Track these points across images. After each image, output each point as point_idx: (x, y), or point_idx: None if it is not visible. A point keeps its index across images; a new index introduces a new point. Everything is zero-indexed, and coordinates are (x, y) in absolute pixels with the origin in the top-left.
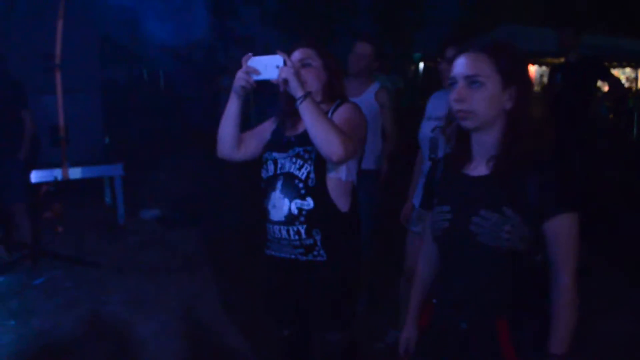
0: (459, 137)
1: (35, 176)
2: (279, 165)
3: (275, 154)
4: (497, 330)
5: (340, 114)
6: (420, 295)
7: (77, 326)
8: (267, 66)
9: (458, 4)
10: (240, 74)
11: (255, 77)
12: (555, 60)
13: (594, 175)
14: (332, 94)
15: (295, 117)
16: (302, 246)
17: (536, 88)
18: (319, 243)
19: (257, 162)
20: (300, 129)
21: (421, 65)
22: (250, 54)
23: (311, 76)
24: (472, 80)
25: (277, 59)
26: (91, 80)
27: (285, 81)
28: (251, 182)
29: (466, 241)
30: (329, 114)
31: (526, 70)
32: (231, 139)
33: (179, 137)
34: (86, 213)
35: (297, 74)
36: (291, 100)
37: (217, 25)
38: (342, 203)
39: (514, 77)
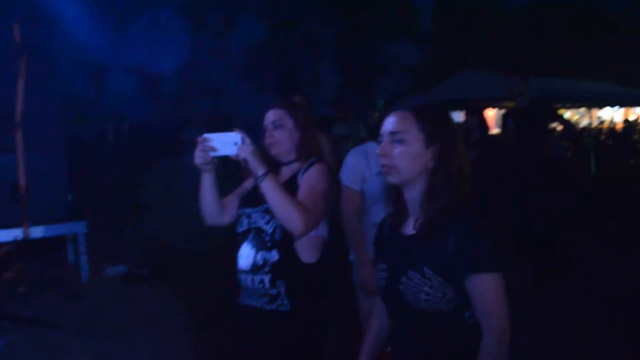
0: (397, 196)
1: None
2: (252, 220)
3: (247, 210)
4: None
5: (307, 180)
6: (371, 347)
7: None
8: (225, 143)
9: (419, 52)
10: (197, 152)
11: (213, 154)
12: (511, 104)
13: (555, 214)
14: (306, 152)
15: (271, 173)
16: (267, 295)
17: (496, 131)
18: (282, 293)
19: None
20: None
21: None
22: (205, 133)
23: (284, 137)
24: (395, 137)
25: (234, 136)
26: (53, 137)
27: (245, 160)
28: (219, 235)
29: (398, 300)
30: (300, 174)
31: (450, 132)
32: (213, 208)
33: (145, 191)
34: (48, 272)
35: (255, 153)
36: (267, 156)
37: (183, 78)
38: (308, 256)
39: (437, 137)
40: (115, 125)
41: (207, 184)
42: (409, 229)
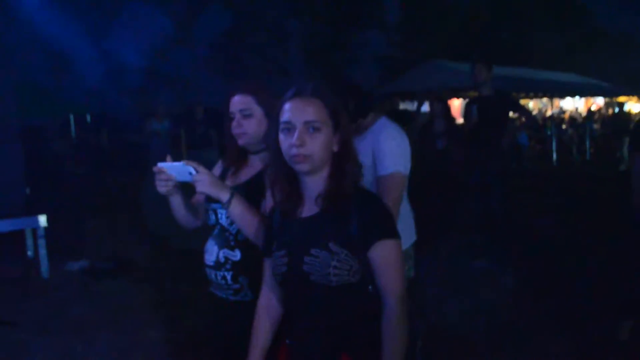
0: (287, 183)
1: None
2: (219, 216)
3: (214, 205)
4: None
5: None
6: (261, 343)
7: None
8: (180, 172)
9: (387, 42)
10: (157, 182)
11: (172, 183)
12: (475, 94)
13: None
14: None
15: (239, 163)
16: (230, 289)
17: (461, 121)
18: (245, 287)
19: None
20: (241, 178)
21: None
22: (158, 164)
23: (253, 126)
24: (311, 126)
25: (187, 168)
26: (9, 129)
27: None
28: (181, 229)
29: (303, 282)
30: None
31: (345, 114)
32: (187, 219)
33: (107, 183)
34: (7, 269)
35: (212, 182)
36: (235, 145)
37: (147, 68)
38: None
39: (341, 121)
40: (77, 116)
41: (176, 205)
42: (307, 211)
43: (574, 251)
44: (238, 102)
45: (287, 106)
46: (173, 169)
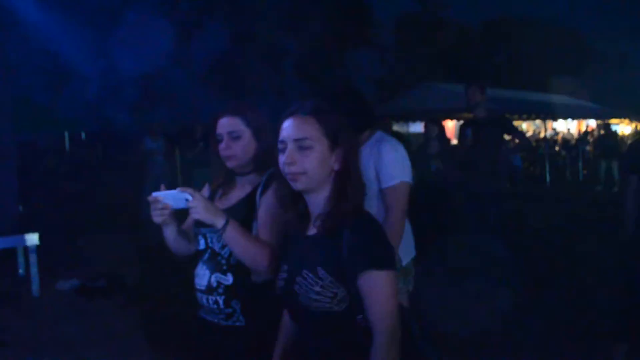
0: (292, 201)
1: None
2: (209, 240)
3: (203, 229)
4: None
5: (267, 207)
6: (281, 349)
7: None
8: (176, 199)
9: (382, 63)
10: (153, 212)
11: (167, 211)
12: (470, 116)
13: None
14: (264, 163)
15: (226, 186)
16: (222, 313)
17: (455, 142)
18: (237, 311)
19: None
20: (231, 200)
21: None
22: (153, 194)
23: (241, 149)
24: (301, 144)
25: (183, 194)
26: (4, 147)
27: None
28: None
29: (293, 301)
30: (259, 193)
31: (350, 133)
32: (181, 246)
33: (100, 201)
34: None
35: (207, 208)
36: (223, 167)
37: (142, 86)
38: (258, 276)
39: (340, 138)
40: (72, 133)
41: (170, 233)
42: (310, 230)
43: (568, 271)
44: (226, 124)
45: (283, 125)
46: (168, 197)
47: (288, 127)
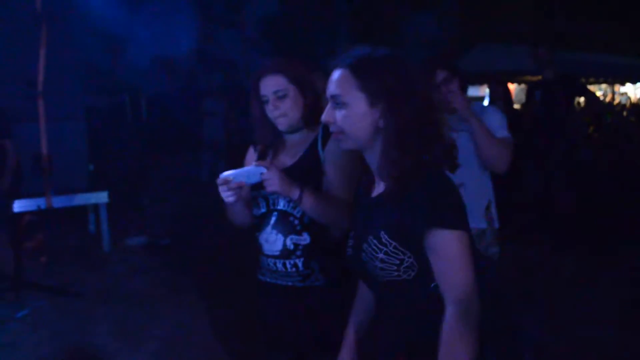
0: (362, 160)
1: (17, 205)
2: (271, 202)
3: (264, 191)
4: None
5: (334, 160)
6: (357, 319)
7: (63, 359)
8: (250, 175)
9: (435, 25)
10: (224, 193)
11: (242, 189)
12: (533, 78)
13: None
14: (314, 116)
15: (276, 147)
16: (300, 275)
17: (517, 106)
18: (316, 271)
19: None
20: (286, 162)
21: None
22: (222, 175)
23: (290, 107)
24: (336, 101)
25: (257, 169)
26: (75, 107)
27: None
28: None
29: (362, 270)
30: (319, 146)
31: (399, 85)
32: (245, 217)
33: (164, 162)
34: (70, 242)
35: (282, 179)
36: (269, 128)
37: (198, 50)
38: (336, 230)
39: (381, 93)
40: (132, 97)
41: (240, 210)
42: (375, 190)
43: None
44: (269, 83)
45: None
46: (241, 175)
47: (329, 82)
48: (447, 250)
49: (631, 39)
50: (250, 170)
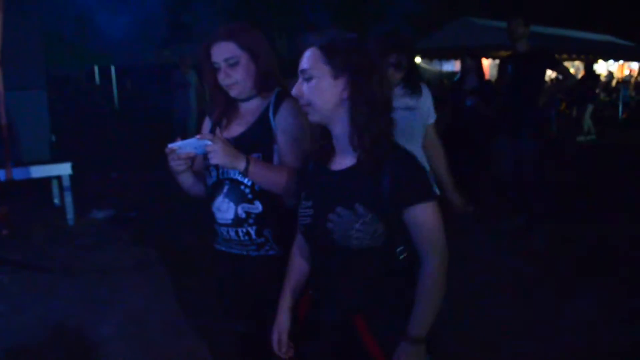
0: (323, 132)
1: None
2: (221, 171)
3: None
4: (355, 325)
5: (285, 128)
6: (292, 285)
7: (25, 333)
8: (196, 147)
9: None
10: (173, 163)
11: (188, 158)
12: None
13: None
14: (267, 84)
15: (230, 115)
16: (254, 244)
17: (492, 80)
18: (270, 239)
19: None
20: (237, 130)
21: None
22: (169, 145)
23: (242, 75)
24: (305, 75)
25: (203, 141)
26: (35, 76)
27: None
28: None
29: (324, 238)
30: (271, 113)
31: (362, 60)
32: (198, 189)
33: (130, 133)
34: (34, 215)
35: (226, 152)
36: (222, 96)
37: (170, 21)
38: (289, 200)
39: (345, 66)
40: (102, 66)
41: (188, 180)
42: (336, 164)
43: (600, 217)
44: (221, 51)
45: None
46: (187, 146)
47: (300, 60)
48: (429, 219)
49: (603, 18)
50: (195, 142)
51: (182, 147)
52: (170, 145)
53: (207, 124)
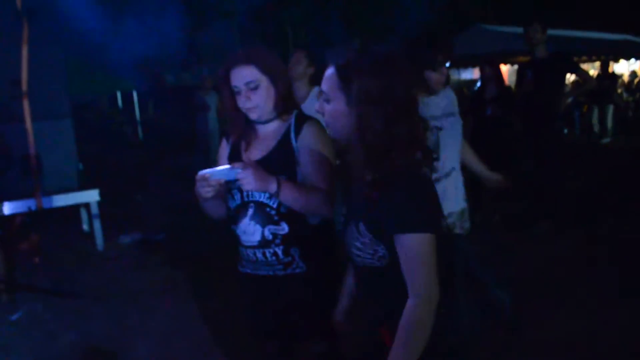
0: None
1: (8, 207)
2: (245, 193)
3: (239, 183)
4: (382, 337)
5: (309, 150)
6: (348, 290)
7: (61, 359)
8: (227, 174)
9: (428, 8)
10: (201, 190)
11: (219, 185)
12: (526, 59)
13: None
14: (286, 106)
15: (248, 138)
16: (281, 263)
17: (511, 88)
18: (296, 258)
19: None
20: (258, 154)
21: None
22: (201, 172)
23: (262, 98)
24: (324, 97)
25: (234, 170)
26: (61, 105)
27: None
28: None
29: (346, 247)
30: (292, 136)
31: (375, 90)
32: (222, 212)
33: (155, 158)
34: (64, 242)
35: (258, 177)
36: (242, 119)
37: (187, 42)
38: (314, 218)
39: (357, 97)
40: (124, 93)
41: (214, 204)
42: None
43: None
44: (241, 74)
45: None
46: (218, 174)
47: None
48: (413, 251)
49: (622, 17)
50: (226, 170)
51: (213, 174)
52: (201, 173)
53: (224, 147)
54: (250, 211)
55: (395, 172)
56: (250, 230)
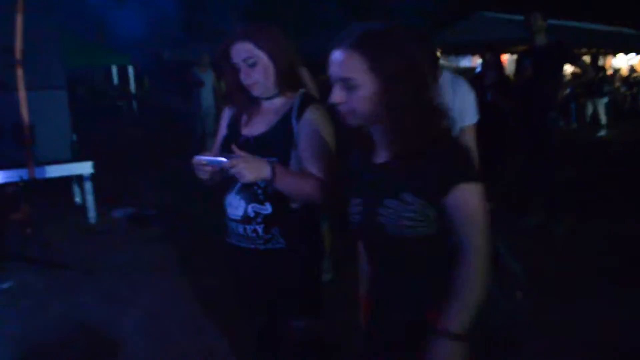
0: (362, 128)
1: (0, 177)
2: None
3: (230, 156)
4: (430, 323)
5: (309, 134)
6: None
7: (49, 330)
8: (222, 164)
9: None
10: (199, 171)
11: (214, 170)
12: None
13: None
14: (290, 83)
15: (250, 110)
16: (261, 239)
17: (510, 76)
18: (277, 235)
19: None
20: (259, 129)
21: None
22: (197, 157)
23: (262, 75)
24: (347, 84)
25: (229, 162)
26: (55, 76)
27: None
28: None
29: (378, 234)
30: (294, 117)
31: (400, 61)
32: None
33: (149, 133)
34: (56, 214)
35: (251, 168)
36: (245, 95)
37: (186, 20)
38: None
39: (386, 71)
40: (119, 66)
41: (214, 184)
42: (380, 157)
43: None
44: (239, 51)
45: (330, 58)
46: (215, 162)
47: (333, 63)
48: (470, 202)
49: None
50: (222, 161)
51: (210, 162)
52: (197, 158)
53: (225, 117)
54: (238, 186)
55: (432, 139)
56: (234, 204)
